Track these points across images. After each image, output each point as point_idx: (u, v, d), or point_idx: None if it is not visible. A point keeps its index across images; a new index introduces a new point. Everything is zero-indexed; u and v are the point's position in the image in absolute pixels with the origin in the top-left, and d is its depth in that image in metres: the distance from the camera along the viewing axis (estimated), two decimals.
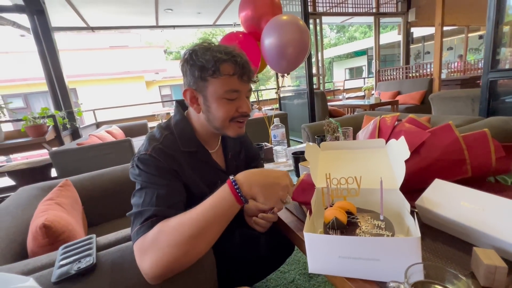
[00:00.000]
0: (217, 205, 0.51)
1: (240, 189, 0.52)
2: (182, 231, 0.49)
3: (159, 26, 5.13)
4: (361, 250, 0.43)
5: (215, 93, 0.64)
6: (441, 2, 3.99)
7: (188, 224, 0.49)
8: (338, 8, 5.23)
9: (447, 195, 0.55)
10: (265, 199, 0.53)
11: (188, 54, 0.65)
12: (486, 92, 1.67)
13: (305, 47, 1.55)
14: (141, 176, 0.60)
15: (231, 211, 0.52)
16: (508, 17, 1.66)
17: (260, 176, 0.54)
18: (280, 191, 0.53)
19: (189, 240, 0.48)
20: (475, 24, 6.76)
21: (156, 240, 0.49)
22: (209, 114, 0.67)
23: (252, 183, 0.53)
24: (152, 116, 5.15)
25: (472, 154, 0.66)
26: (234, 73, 0.64)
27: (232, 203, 0.51)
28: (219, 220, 0.51)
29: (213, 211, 0.50)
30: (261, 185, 0.53)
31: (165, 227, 0.50)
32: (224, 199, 0.51)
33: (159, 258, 0.48)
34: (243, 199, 0.52)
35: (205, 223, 0.49)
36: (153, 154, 0.61)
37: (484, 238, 0.46)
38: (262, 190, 0.53)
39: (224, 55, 0.62)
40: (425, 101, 4.08)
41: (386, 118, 0.86)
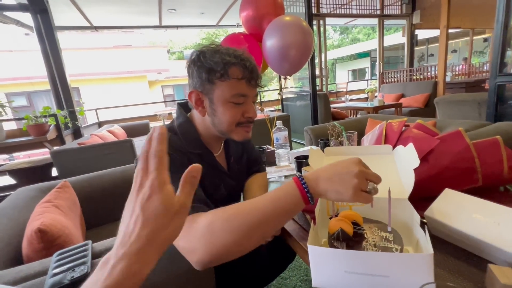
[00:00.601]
0: (280, 200, 0.46)
1: (307, 186, 0.46)
2: (239, 220, 0.45)
3: (162, 26, 5.14)
4: (369, 266, 0.40)
5: (222, 96, 0.63)
6: (447, 4, 3.95)
7: (246, 214, 0.46)
8: (342, 9, 5.21)
9: (459, 206, 0.53)
10: (338, 194, 0.44)
11: (196, 55, 0.63)
12: (494, 96, 1.63)
13: (309, 49, 1.52)
14: None
15: (295, 208, 0.47)
16: None
17: (325, 170, 0.47)
18: (354, 179, 0.43)
19: (245, 230, 0.45)
20: (480, 27, 6.71)
21: (211, 224, 0.46)
22: (214, 118, 0.65)
23: (319, 177, 0.46)
24: (154, 116, 5.15)
25: (483, 162, 0.64)
26: (242, 77, 0.62)
27: (297, 200, 0.46)
28: (278, 216, 0.46)
29: (273, 205, 0.46)
30: (328, 178, 0.45)
31: (220, 213, 0.47)
32: (289, 194, 0.46)
33: (212, 243, 0.45)
34: (310, 198, 0.46)
35: (263, 216, 0.45)
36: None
37: (499, 254, 0.43)
38: (331, 184, 0.45)
39: (233, 58, 0.61)
40: (429, 104, 4.04)
41: (392, 123, 0.83)
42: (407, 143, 0.64)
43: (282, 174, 1.07)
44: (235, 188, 0.81)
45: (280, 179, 1.04)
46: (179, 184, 0.47)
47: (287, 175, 1.07)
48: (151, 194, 0.31)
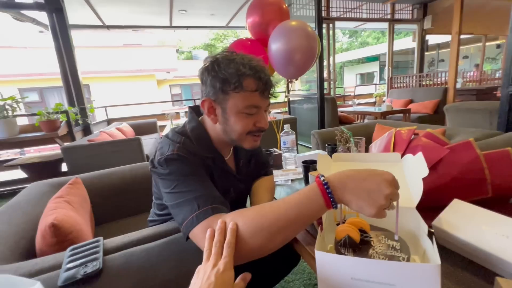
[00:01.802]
0: (303, 205, 0.46)
1: (333, 194, 0.45)
2: (262, 223, 0.46)
3: (172, 26, 5.20)
4: (376, 273, 0.41)
5: (235, 107, 0.63)
6: (459, 10, 3.90)
7: (268, 218, 0.46)
8: (352, 13, 5.18)
9: (467, 217, 0.53)
10: (360, 209, 0.44)
11: (210, 64, 0.64)
12: (506, 105, 1.60)
13: (313, 53, 1.53)
14: (175, 174, 0.59)
15: (318, 214, 0.47)
16: None
17: (354, 181, 0.45)
18: (382, 201, 0.42)
19: (267, 234, 0.46)
20: (493, 34, 6.60)
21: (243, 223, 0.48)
22: (226, 126, 0.66)
23: (346, 188, 0.45)
24: (162, 115, 5.21)
25: (493, 173, 0.63)
26: (256, 89, 0.63)
27: (320, 206, 0.46)
28: (301, 220, 0.47)
29: (297, 210, 0.46)
30: (355, 192, 0.44)
31: (241, 217, 0.48)
32: (313, 201, 0.46)
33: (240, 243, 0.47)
34: (334, 205, 0.46)
35: (286, 220, 0.46)
36: (180, 153, 0.61)
37: (507, 267, 0.43)
38: (357, 199, 0.44)
39: (248, 70, 0.61)
40: (439, 111, 3.98)
41: (401, 131, 0.83)
42: (416, 152, 0.64)
43: (288, 177, 1.08)
44: (243, 191, 0.82)
45: (286, 182, 1.05)
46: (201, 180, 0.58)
47: (293, 179, 1.07)
48: (224, 270, 0.43)
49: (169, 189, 0.58)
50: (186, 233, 0.53)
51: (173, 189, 0.58)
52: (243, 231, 0.47)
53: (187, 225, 0.52)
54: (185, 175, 0.59)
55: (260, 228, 0.46)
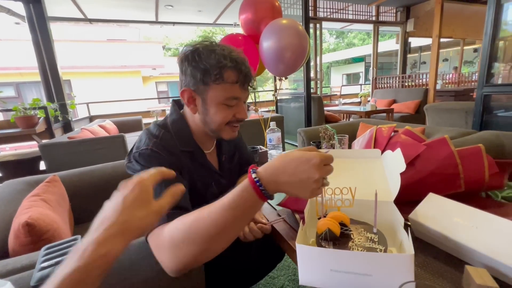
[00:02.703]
0: (237, 204, 0.46)
1: (266, 189, 0.46)
2: (199, 229, 0.46)
3: (158, 22, 5.09)
4: (354, 265, 0.42)
5: (216, 98, 0.64)
6: (439, 14, 4.06)
7: (206, 223, 0.46)
8: (339, 14, 5.27)
9: (441, 210, 0.55)
10: (295, 195, 0.47)
11: (191, 53, 0.63)
12: (480, 105, 1.69)
13: (303, 51, 1.55)
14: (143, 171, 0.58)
15: (254, 209, 0.48)
16: (503, 33, 1.70)
17: (285, 174, 0.46)
18: (312, 185, 0.45)
19: (206, 239, 0.45)
20: (470, 38, 6.90)
21: (172, 236, 0.47)
22: (206, 117, 0.67)
23: (279, 182, 0.46)
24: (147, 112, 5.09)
25: (466, 169, 0.67)
26: (237, 81, 0.63)
27: (255, 202, 0.46)
28: (239, 220, 0.47)
29: (233, 211, 0.45)
30: (288, 184, 0.46)
31: (180, 224, 0.48)
32: (247, 200, 0.46)
33: (176, 255, 0.46)
34: (268, 197, 0.47)
35: (223, 222, 0.45)
36: (154, 149, 0.61)
37: (476, 256, 0.46)
38: (292, 189, 0.46)
39: (229, 61, 0.61)
40: (420, 111, 4.13)
41: (382, 128, 0.86)
42: (395, 148, 0.66)
43: None
44: (226, 187, 0.82)
45: None
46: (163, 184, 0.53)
47: None
48: (133, 188, 0.38)
49: None
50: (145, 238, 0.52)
51: None
52: (182, 240, 0.46)
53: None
54: None
55: (199, 235, 0.45)
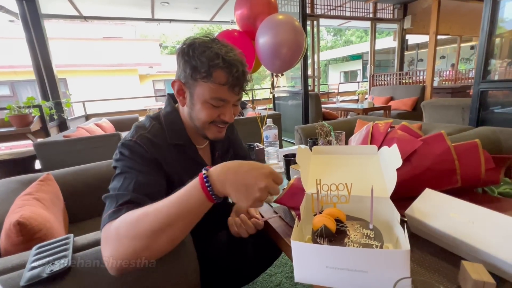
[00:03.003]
0: (184, 201, 0.46)
1: (212, 187, 0.46)
2: (143, 223, 0.45)
3: (154, 19, 5.04)
4: (349, 261, 0.42)
5: (202, 96, 0.63)
6: (436, 10, 4.06)
7: (151, 217, 0.45)
8: (336, 11, 5.26)
9: (437, 205, 0.55)
10: (238, 201, 0.47)
11: (187, 46, 0.62)
12: (477, 102, 1.69)
13: (300, 47, 1.54)
14: (122, 161, 0.59)
15: (200, 208, 0.47)
16: (500, 30, 1.69)
17: (235, 175, 0.47)
18: (257, 193, 0.46)
19: (149, 234, 0.44)
20: (467, 35, 6.92)
21: (117, 230, 0.46)
22: (192, 112, 0.67)
23: (226, 181, 0.46)
24: (144, 110, 5.06)
25: (462, 164, 0.66)
26: (225, 83, 0.61)
27: (201, 200, 0.46)
28: (183, 217, 0.46)
29: (177, 207, 0.45)
30: (234, 186, 0.46)
31: (128, 218, 0.47)
32: (193, 196, 0.46)
33: (117, 249, 0.45)
34: (215, 198, 0.47)
35: (167, 218, 0.45)
36: (138, 141, 0.61)
37: (472, 252, 0.45)
38: (237, 191, 0.46)
39: (221, 61, 0.59)
40: (417, 108, 4.14)
41: (379, 124, 0.85)
42: (392, 144, 0.66)
43: None
44: None
45: None
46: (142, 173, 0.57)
47: None
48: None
49: (112, 176, 0.58)
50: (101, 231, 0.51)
51: (114, 178, 0.58)
52: (126, 234, 0.45)
53: (102, 222, 0.51)
54: (129, 166, 0.58)
55: (142, 229, 0.45)
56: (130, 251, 0.45)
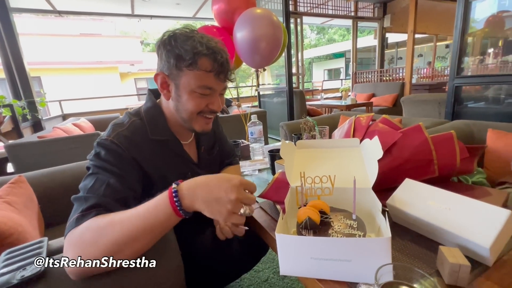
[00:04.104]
0: (150, 215, 0.45)
1: (181, 202, 0.45)
2: (107, 233, 0.44)
3: (135, 15, 4.88)
4: (333, 251, 0.42)
5: (188, 85, 0.62)
6: (414, 10, 4.21)
7: (116, 228, 0.44)
8: (319, 9, 5.32)
9: (416, 194, 0.56)
10: (213, 215, 0.46)
11: (168, 37, 0.61)
12: (452, 96, 1.77)
13: (279, 42, 1.53)
14: (96, 161, 0.56)
15: (167, 223, 0.46)
16: (472, 29, 1.78)
17: (204, 189, 0.46)
18: (227, 205, 0.45)
19: (113, 247, 0.43)
20: (443, 34, 7.22)
21: (82, 236, 0.45)
22: (178, 104, 0.64)
23: (195, 197, 0.46)
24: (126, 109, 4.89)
25: (439, 154, 0.69)
26: (211, 70, 0.61)
27: (168, 215, 0.45)
28: (149, 231, 0.45)
29: (143, 220, 0.44)
30: (204, 200, 0.46)
31: (93, 224, 0.45)
32: (160, 210, 0.45)
33: (79, 255, 0.43)
34: (183, 213, 0.46)
35: (132, 231, 0.43)
36: (114, 140, 0.58)
37: (449, 237, 0.47)
38: (207, 207, 0.46)
39: (205, 49, 0.59)
40: (397, 104, 4.29)
41: (361, 118, 0.87)
42: (373, 137, 0.67)
43: (256, 167, 1.08)
44: None
45: (254, 172, 1.04)
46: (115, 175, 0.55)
47: (261, 168, 1.07)
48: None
49: (85, 176, 0.55)
50: (65, 235, 0.48)
51: (85, 177, 0.55)
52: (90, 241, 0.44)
53: (67, 226, 0.48)
54: (102, 166, 0.55)
55: (106, 239, 0.43)
56: (93, 260, 0.43)
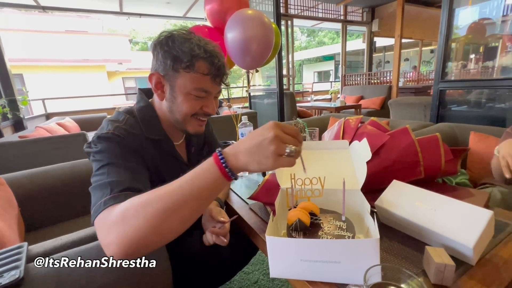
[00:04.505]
0: (198, 178, 0.43)
1: (226, 161, 0.43)
2: (153, 203, 0.42)
3: (123, 12, 4.78)
4: (322, 253, 0.42)
5: (184, 87, 0.61)
6: (401, 15, 4.33)
7: (161, 197, 0.42)
8: (309, 12, 5.39)
9: (403, 195, 0.58)
10: (260, 165, 0.42)
11: (165, 38, 0.61)
12: (436, 100, 1.83)
13: (270, 44, 1.53)
14: (103, 153, 0.54)
15: (215, 186, 0.43)
16: (455, 35, 1.85)
17: (244, 142, 0.44)
18: (270, 147, 0.41)
19: (161, 215, 0.41)
20: (427, 39, 7.46)
21: (123, 213, 0.42)
22: (172, 105, 0.64)
23: (238, 152, 0.43)
24: (113, 109, 4.78)
25: (425, 156, 0.71)
26: (208, 73, 0.61)
27: (216, 176, 0.43)
28: (198, 195, 0.42)
29: (191, 184, 0.42)
30: (247, 151, 0.42)
31: (135, 200, 0.43)
32: (207, 172, 0.43)
33: (123, 232, 0.41)
34: (230, 173, 0.43)
35: (181, 196, 0.42)
36: (116, 132, 0.57)
37: (434, 237, 0.48)
38: (250, 156, 0.42)
39: (203, 52, 0.60)
40: (385, 106, 4.38)
41: (350, 120, 0.88)
42: (362, 139, 0.68)
43: None
44: None
45: (244, 174, 1.04)
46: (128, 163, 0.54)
47: None
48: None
49: (93, 171, 0.53)
50: (92, 221, 0.46)
51: (97, 171, 0.53)
52: (135, 215, 0.42)
53: (94, 211, 0.46)
54: (112, 157, 0.54)
55: (152, 209, 0.41)
56: (139, 234, 0.40)
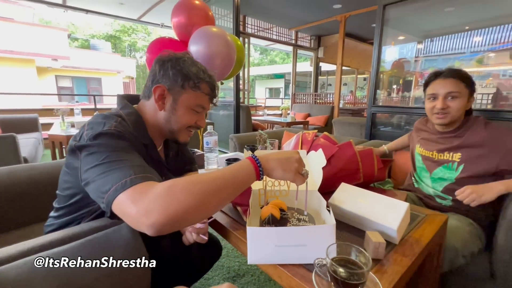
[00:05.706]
0: (237, 172, 0.53)
1: (260, 162, 0.54)
2: (198, 184, 0.47)
3: (66, 6, 4.35)
4: (293, 238, 0.52)
5: (188, 102, 0.71)
6: (341, 46, 5.01)
7: (208, 179, 0.49)
8: (264, 32, 5.78)
9: (350, 194, 0.73)
10: (283, 172, 0.55)
11: (175, 58, 0.71)
12: (370, 121, 2.19)
13: (231, 61, 1.64)
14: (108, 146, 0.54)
15: (248, 180, 0.54)
16: (382, 68, 2.28)
17: (274, 154, 0.58)
18: (295, 164, 0.56)
19: (204, 195, 0.47)
20: (362, 69, 8.71)
21: (170, 188, 0.46)
22: (171, 116, 0.72)
23: (269, 158, 0.56)
24: (48, 110, 4.18)
25: (363, 164, 0.89)
26: (208, 94, 0.74)
27: (250, 172, 0.53)
28: (234, 185, 0.52)
29: (231, 175, 0.52)
30: (277, 159, 0.56)
31: (178, 181, 0.47)
32: (245, 168, 0.53)
33: (171, 204, 0.44)
34: (261, 172, 0.54)
35: (222, 183, 0.50)
36: (119, 129, 0.58)
37: (371, 224, 0.63)
38: (279, 164, 0.56)
39: (207, 76, 0.73)
40: (328, 124, 4.92)
41: (306, 133, 1.03)
42: (318, 149, 0.82)
43: None
44: None
45: None
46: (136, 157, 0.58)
47: None
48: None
49: (98, 161, 0.52)
50: (112, 199, 0.47)
51: (104, 159, 0.52)
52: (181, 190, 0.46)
53: (116, 189, 0.47)
54: (120, 148, 0.55)
55: (198, 188, 0.47)
56: (183, 208, 0.45)
